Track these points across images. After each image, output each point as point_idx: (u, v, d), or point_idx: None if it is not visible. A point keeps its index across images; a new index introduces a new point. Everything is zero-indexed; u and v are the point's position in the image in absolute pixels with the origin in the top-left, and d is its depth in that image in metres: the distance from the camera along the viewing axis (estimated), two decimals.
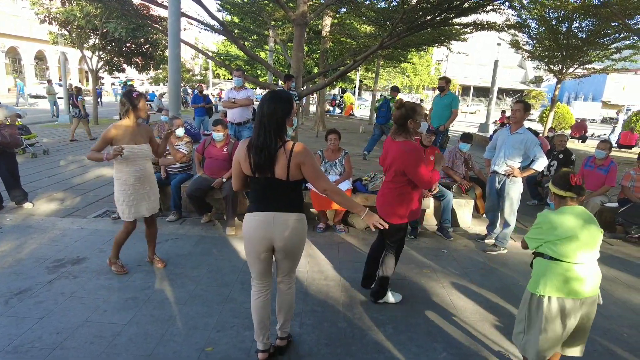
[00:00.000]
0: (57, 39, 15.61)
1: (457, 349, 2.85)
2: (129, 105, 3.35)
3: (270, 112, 2.23)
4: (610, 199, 5.64)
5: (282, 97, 2.28)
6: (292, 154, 2.24)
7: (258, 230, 2.33)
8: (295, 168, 2.26)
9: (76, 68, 36.65)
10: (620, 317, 3.39)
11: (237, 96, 6.67)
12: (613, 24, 11.07)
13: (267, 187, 2.33)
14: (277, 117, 2.23)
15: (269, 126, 2.22)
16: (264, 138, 2.22)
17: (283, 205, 2.33)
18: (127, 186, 3.44)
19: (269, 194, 2.33)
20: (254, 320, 2.53)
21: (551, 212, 2.36)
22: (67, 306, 3.10)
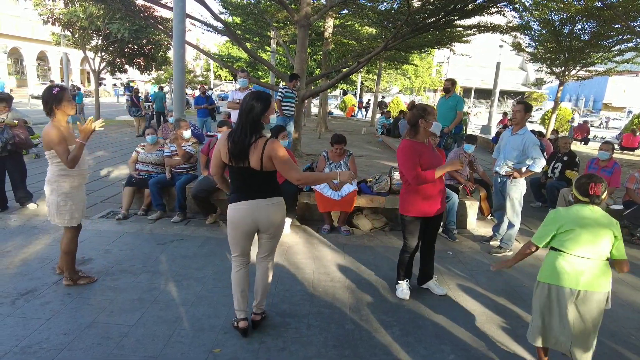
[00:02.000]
0: (59, 40, 15.64)
1: (465, 350, 2.84)
2: (52, 102, 3.11)
3: (247, 109, 2.48)
4: (615, 201, 5.63)
5: (260, 97, 2.53)
6: (265, 148, 2.49)
7: (244, 218, 2.61)
8: (267, 160, 2.51)
9: (78, 69, 36.71)
10: (628, 319, 3.38)
11: (242, 97, 6.68)
12: (616, 26, 11.07)
13: (245, 176, 2.57)
14: (253, 115, 2.48)
15: (246, 122, 2.48)
16: (240, 132, 2.48)
17: (262, 192, 2.61)
18: (75, 188, 3.25)
19: (248, 182, 2.59)
20: (236, 292, 2.78)
21: (560, 207, 2.48)
22: (74, 307, 3.09)
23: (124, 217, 5.09)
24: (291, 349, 2.73)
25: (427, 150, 3.31)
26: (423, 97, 42.37)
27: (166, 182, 5.18)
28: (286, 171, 2.56)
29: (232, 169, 2.59)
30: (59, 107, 3.14)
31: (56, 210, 3.23)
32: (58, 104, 3.14)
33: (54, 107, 3.13)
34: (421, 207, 3.34)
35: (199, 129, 8.98)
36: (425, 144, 3.34)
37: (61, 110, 3.16)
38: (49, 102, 3.13)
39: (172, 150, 5.30)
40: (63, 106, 3.16)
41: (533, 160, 4.31)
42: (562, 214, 2.42)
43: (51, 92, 3.13)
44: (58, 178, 3.19)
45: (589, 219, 2.35)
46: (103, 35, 13.80)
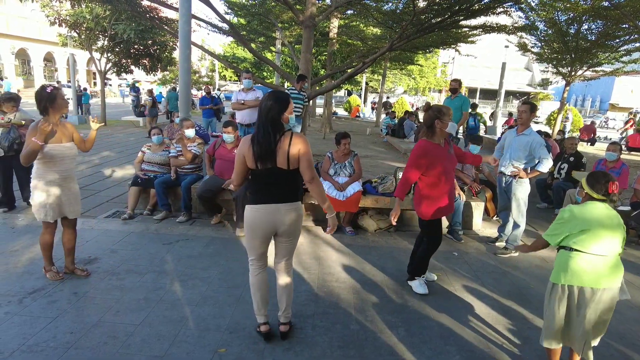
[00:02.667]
0: (66, 41, 15.75)
1: (470, 352, 2.83)
2: (45, 102, 3.17)
3: (266, 109, 2.46)
4: (622, 202, 5.59)
5: (278, 97, 2.51)
6: (292, 142, 2.46)
7: (263, 221, 2.57)
8: (294, 154, 2.47)
9: (84, 69, 36.97)
10: (637, 321, 3.35)
11: (246, 98, 6.70)
12: (623, 26, 10.98)
13: (269, 178, 2.52)
14: (272, 114, 2.45)
15: (266, 122, 2.45)
16: (263, 132, 2.44)
17: (284, 196, 2.56)
18: (53, 186, 3.31)
19: (271, 185, 2.54)
20: (256, 296, 2.75)
21: (574, 206, 2.43)
22: (80, 306, 3.11)
23: (130, 217, 5.11)
24: (296, 349, 2.73)
25: (441, 153, 3.31)
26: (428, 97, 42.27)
27: (172, 182, 5.20)
28: (307, 166, 2.53)
29: (256, 172, 2.52)
30: (52, 106, 3.21)
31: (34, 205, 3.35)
32: (52, 103, 3.20)
33: (48, 105, 3.20)
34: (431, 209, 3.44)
35: (204, 130, 9.01)
36: (441, 145, 3.33)
37: (54, 109, 3.23)
38: (42, 101, 3.19)
39: (177, 151, 5.31)
40: (57, 105, 3.22)
41: (540, 160, 4.30)
42: (577, 213, 2.37)
43: (45, 91, 3.19)
44: (36, 174, 3.31)
45: (607, 217, 2.34)
46: (109, 36, 13.88)
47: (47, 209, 3.34)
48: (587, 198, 2.43)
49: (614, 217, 2.36)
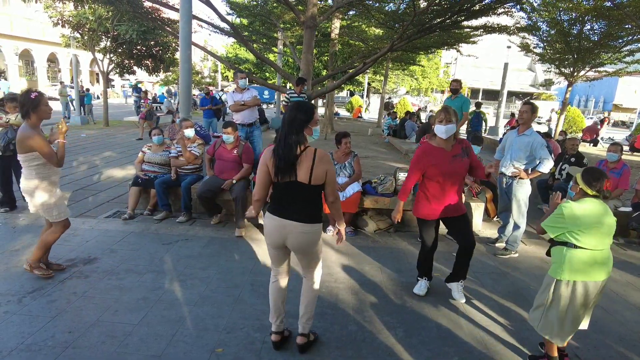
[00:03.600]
0: (69, 42, 15.83)
1: (469, 353, 2.82)
2: (28, 107, 3.17)
3: (290, 120, 2.38)
4: (623, 203, 5.56)
5: (302, 108, 2.44)
6: (317, 158, 2.39)
7: (273, 232, 2.52)
8: (318, 170, 2.39)
9: (87, 70, 37.11)
10: (636, 323, 3.33)
11: (243, 98, 6.67)
12: (626, 26, 10.94)
13: (288, 192, 2.44)
14: (295, 125, 2.37)
15: (289, 133, 2.36)
16: (284, 144, 2.35)
17: (298, 215, 2.44)
18: (54, 186, 3.39)
19: (288, 199, 2.45)
20: (270, 303, 2.71)
21: (574, 203, 2.49)
22: (79, 305, 3.12)
23: (130, 217, 5.12)
24: (293, 350, 2.73)
25: (441, 155, 3.24)
26: (430, 98, 42.22)
27: (172, 182, 5.21)
28: (333, 188, 2.48)
29: (277, 185, 2.46)
30: (35, 111, 3.22)
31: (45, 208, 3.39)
32: (35, 108, 3.21)
33: (30, 110, 3.20)
34: (423, 210, 3.43)
35: (205, 130, 9.03)
36: (446, 149, 3.25)
37: (37, 115, 3.24)
38: (25, 105, 3.19)
39: (178, 151, 5.33)
40: (39, 110, 3.23)
41: (541, 160, 4.28)
42: (578, 213, 2.44)
43: (29, 96, 3.20)
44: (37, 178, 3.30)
45: (603, 213, 2.45)
46: (111, 37, 13.95)
47: (59, 206, 3.43)
48: (582, 194, 2.51)
49: (608, 212, 2.47)
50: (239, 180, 4.84)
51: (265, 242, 2.63)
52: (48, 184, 3.36)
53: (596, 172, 2.50)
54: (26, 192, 3.36)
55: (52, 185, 3.39)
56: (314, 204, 2.49)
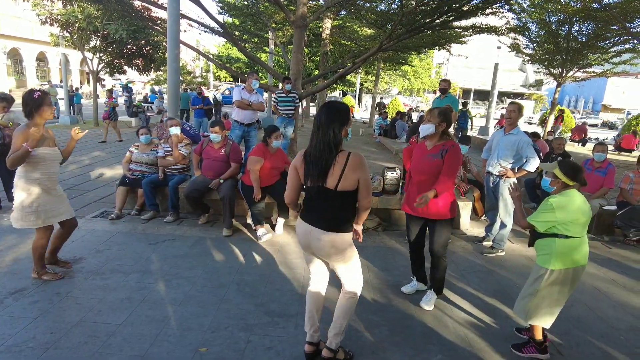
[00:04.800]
0: (58, 41, 15.66)
1: (452, 351, 2.84)
2: (32, 106, 3.17)
3: (326, 122, 2.24)
4: (609, 202, 5.63)
5: (338, 108, 2.30)
6: (348, 164, 2.25)
7: (300, 236, 2.47)
8: (348, 178, 2.26)
9: (77, 69, 36.74)
10: (618, 320, 3.37)
11: (251, 99, 6.75)
12: (613, 28, 11.09)
13: (316, 198, 2.36)
14: (334, 128, 2.24)
15: (327, 136, 2.23)
16: (322, 148, 2.25)
17: (322, 222, 2.34)
18: (42, 190, 3.28)
19: (316, 205, 2.37)
20: (306, 310, 2.64)
21: (560, 197, 2.61)
22: (62, 306, 3.09)
23: (117, 217, 5.08)
24: (278, 349, 2.73)
25: (419, 153, 3.29)
26: (422, 98, 42.41)
27: (159, 182, 5.18)
28: (367, 194, 2.34)
29: (308, 189, 2.40)
30: (37, 111, 3.20)
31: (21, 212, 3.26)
32: (37, 108, 3.19)
33: (33, 110, 3.19)
34: (404, 203, 3.50)
35: (195, 130, 8.99)
36: (427, 147, 3.26)
37: (40, 114, 3.22)
38: (28, 105, 3.18)
39: (165, 151, 5.29)
40: (42, 110, 3.21)
41: (527, 159, 4.33)
42: (567, 205, 2.57)
43: (32, 96, 3.18)
44: (23, 180, 3.25)
45: (584, 202, 2.63)
46: (101, 36, 13.81)
47: (38, 213, 3.29)
48: (563, 186, 2.63)
49: (585, 200, 2.65)
50: (227, 180, 4.83)
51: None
52: (34, 187, 3.26)
53: (572, 164, 2.65)
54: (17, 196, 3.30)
55: (39, 189, 3.27)
56: (342, 211, 2.36)
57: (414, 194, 3.25)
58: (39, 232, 3.40)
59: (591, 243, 5.17)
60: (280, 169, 4.86)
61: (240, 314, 3.10)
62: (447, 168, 3.09)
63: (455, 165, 3.12)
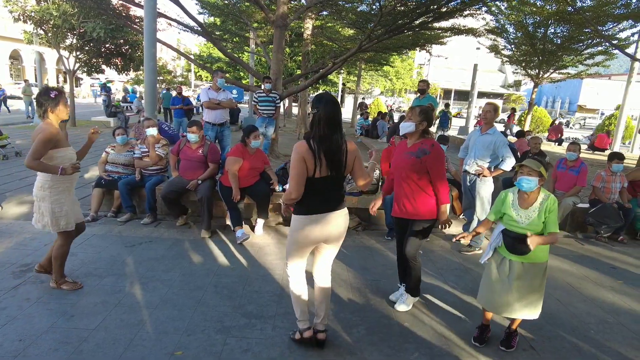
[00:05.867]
0: (32, 39, 15.22)
1: (428, 348, 2.87)
2: (48, 105, 3.05)
3: (332, 114, 2.37)
4: (582, 200, 5.78)
5: (335, 100, 2.45)
6: (351, 150, 2.48)
7: (317, 229, 2.50)
8: (351, 162, 2.51)
9: (54, 68, 35.82)
10: (588, 314, 3.46)
11: (219, 97, 6.65)
12: (586, 31, 11.40)
13: (328, 186, 2.46)
14: (337, 119, 2.40)
15: (335, 128, 2.38)
16: (333, 139, 2.37)
17: (338, 203, 2.56)
18: (65, 194, 3.18)
19: (329, 193, 2.49)
20: (300, 304, 2.71)
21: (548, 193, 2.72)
22: (32, 312, 3.00)
23: (93, 219, 4.97)
24: (254, 350, 2.71)
25: (399, 150, 3.33)
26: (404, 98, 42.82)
27: (136, 183, 5.09)
28: (361, 172, 2.59)
29: (315, 181, 2.40)
30: (54, 111, 3.09)
31: (50, 218, 3.15)
32: (54, 107, 3.08)
33: (49, 109, 3.07)
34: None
35: (173, 130, 8.84)
36: (407, 145, 3.27)
37: (55, 114, 3.11)
38: (44, 104, 3.06)
39: (142, 152, 5.21)
40: (59, 110, 3.11)
41: (503, 159, 4.41)
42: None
43: (49, 95, 3.07)
44: (45, 185, 3.12)
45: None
46: (78, 34, 13.48)
47: (63, 217, 3.19)
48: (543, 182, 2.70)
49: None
50: (205, 181, 4.77)
51: (297, 247, 2.58)
52: (59, 192, 3.16)
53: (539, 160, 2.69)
54: (36, 196, 3.18)
55: (63, 194, 3.18)
56: (342, 189, 2.63)
57: (395, 192, 3.29)
58: (62, 238, 3.27)
59: (565, 240, 5.36)
60: (260, 170, 4.84)
61: (217, 317, 3.07)
62: (435, 174, 3.10)
63: (439, 167, 3.13)
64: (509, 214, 2.76)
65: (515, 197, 2.78)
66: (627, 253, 5.01)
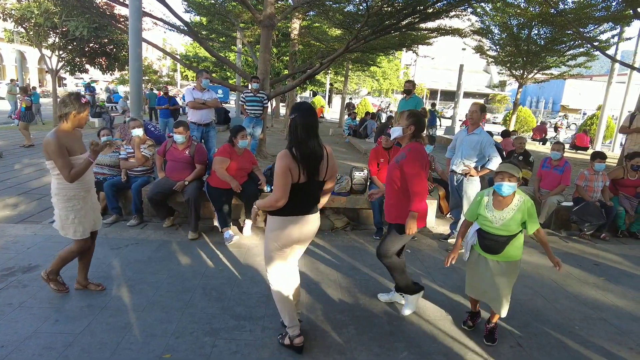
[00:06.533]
0: (12, 37, 14.89)
1: (418, 347, 2.89)
2: (74, 108, 2.95)
3: (309, 122, 2.48)
4: (566, 198, 5.88)
5: (312, 110, 2.56)
6: (329, 155, 2.60)
7: (296, 230, 2.57)
8: (331, 166, 2.61)
9: (36, 68, 35.10)
10: (573, 310, 3.53)
11: (204, 97, 6.59)
12: (568, 32, 11.62)
13: (309, 190, 2.56)
14: (315, 127, 2.52)
15: (315, 136, 2.49)
16: (314, 147, 2.48)
17: (314, 206, 2.65)
18: (77, 200, 3.09)
19: (309, 196, 2.59)
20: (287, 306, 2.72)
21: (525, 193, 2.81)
22: (15, 317, 2.94)
23: None
24: (244, 352, 2.70)
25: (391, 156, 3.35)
26: (391, 99, 43.07)
27: (122, 184, 5.02)
28: (334, 176, 2.68)
29: (299, 186, 2.46)
30: (76, 116, 2.99)
31: (61, 224, 3.12)
32: (78, 112, 2.98)
33: (73, 113, 2.96)
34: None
35: (159, 130, 8.76)
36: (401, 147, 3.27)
37: (77, 119, 3.01)
38: (68, 106, 2.95)
39: (128, 153, 5.13)
40: (81, 116, 3.02)
41: (490, 158, 4.47)
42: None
43: (79, 99, 2.99)
44: (58, 191, 3.04)
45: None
46: (60, 32, 13.23)
47: (76, 225, 3.12)
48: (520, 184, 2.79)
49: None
50: (192, 182, 4.73)
51: (278, 247, 2.60)
52: (69, 197, 3.06)
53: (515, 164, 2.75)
54: (52, 201, 3.11)
55: (75, 200, 3.08)
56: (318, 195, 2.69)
57: (386, 199, 3.28)
58: (75, 245, 3.21)
59: (550, 238, 5.45)
60: (248, 170, 4.82)
61: (206, 319, 3.05)
62: (409, 179, 2.99)
63: (412, 171, 2.97)
64: (483, 215, 2.83)
65: (490, 198, 2.84)
66: (609, 250, 5.12)
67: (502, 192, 2.71)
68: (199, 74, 6.77)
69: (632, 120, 7.62)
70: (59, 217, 3.12)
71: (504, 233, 2.78)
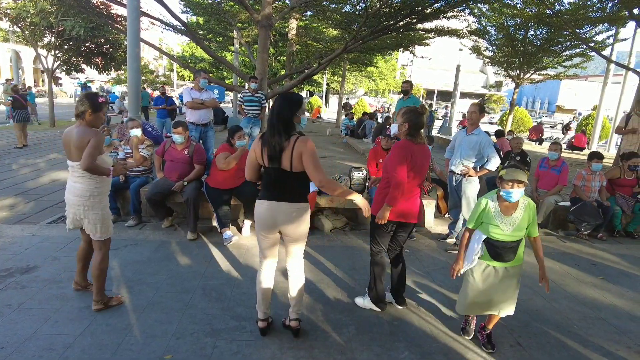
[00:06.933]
0: (8, 36, 14.79)
1: (418, 347, 2.90)
2: (90, 108, 2.91)
3: (278, 110, 2.54)
4: (563, 198, 5.91)
5: (290, 99, 2.60)
6: (295, 145, 2.52)
7: (265, 216, 2.67)
8: (297, 159, 2.53)
9: (31, 67, 34.90)
10: (572, 310, 3.55)
11: (202, 97, 6.59)
12: (564, 33, 11.68)
13: (276, 177, 2.61)
14: (284, 115, 2.53)
15: (278, 122, 2.52)
16: (274, 133, 2.52)
17: (287, 195, 2.63)
18: (105, 196, 3.12)
19: (277, 184, 2.62)
20: (257, 292, 2.84)
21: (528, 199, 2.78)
22: (14, 319, 2.92)
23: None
24: (245, 353, 2.70)
25: None
26: (388, 99, 43.15)
27: (120, 184, 5.00)
28: (312, 169, 2.57)
29: (266, 170, 2.64)
30: (92, 115, 2.96)
31: (101, 225, 3.06)
32: (94, 112, 2.96)
33: (89, 111, 2.94)
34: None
35: (157, 130, 8.73)
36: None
37: (92, 118, 2.98)
38: (84, 104, 2.92)
39: (126, 153, 5.12)
40: (96, 116, 2.99)
41: (489, 158, 4.48)
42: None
43: (96, 99, 2.98)
44: (95, 192, 3.02)
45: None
46: (56, 32, 13.16)
47: (108, 223, 3.13)
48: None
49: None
50: (191, 182, 4.72)
51: (256, 230, 2.77)
52: (102, 198, 3.08)
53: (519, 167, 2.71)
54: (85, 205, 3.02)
55: (105, 199, 3.13)
56: (298, 187, 2.66)
57: None
58: (104, 249, 3.12)
59: (547, 238, 5.48)
60: None
61: (206, 319, 3.04)
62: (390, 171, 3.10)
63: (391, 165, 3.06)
64: (494, 224, 2.68)
65: (495, 205, 2.71)
66: (606, 250, 5.16)
67: (512, 199, 2.63)
68: (197, 74, 6.77)
69: (627, 121, 7.67)
70: (101, 218, 3.04)
71: (514, 239, 2.70)
